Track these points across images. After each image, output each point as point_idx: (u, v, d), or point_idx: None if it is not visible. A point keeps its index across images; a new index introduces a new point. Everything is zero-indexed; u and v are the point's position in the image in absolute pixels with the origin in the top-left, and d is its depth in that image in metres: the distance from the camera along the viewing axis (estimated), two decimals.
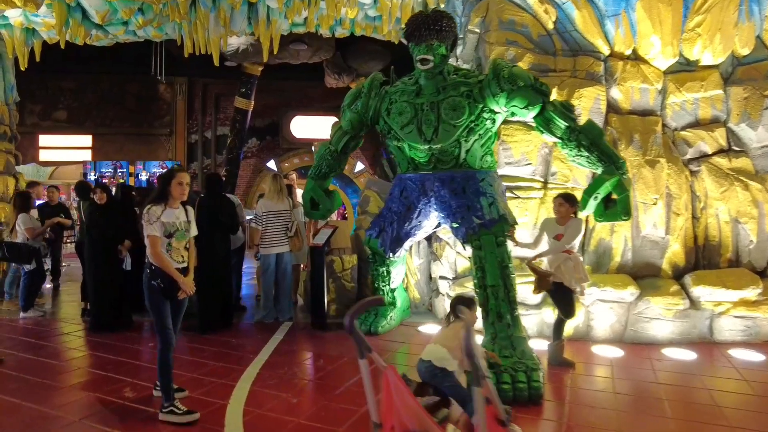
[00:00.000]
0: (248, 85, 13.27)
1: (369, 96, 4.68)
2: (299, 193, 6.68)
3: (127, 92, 14.39)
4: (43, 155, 14.16)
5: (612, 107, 5.41)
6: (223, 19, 6.62)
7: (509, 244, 4.14)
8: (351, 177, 14.53)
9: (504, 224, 4.09)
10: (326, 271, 5.40)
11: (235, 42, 12.33)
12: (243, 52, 12.43)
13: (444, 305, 5.59)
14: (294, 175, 11.59)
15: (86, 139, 14.29)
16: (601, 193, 4.00)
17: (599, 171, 4.03)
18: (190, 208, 3.55)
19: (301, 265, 6.26)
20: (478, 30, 5.68)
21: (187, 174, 3.53)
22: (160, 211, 3.27)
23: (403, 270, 5.35)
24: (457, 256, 5.47)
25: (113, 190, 6.16)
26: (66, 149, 14.22)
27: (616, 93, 5.37)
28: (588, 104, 5.21)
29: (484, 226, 4.07)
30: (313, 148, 10.92)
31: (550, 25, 5.40)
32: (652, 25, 5.17)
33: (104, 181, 13.16)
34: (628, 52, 5.35)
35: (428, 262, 6.18)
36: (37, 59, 7.66)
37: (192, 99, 14.62)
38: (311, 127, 14.90)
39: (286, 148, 14.91)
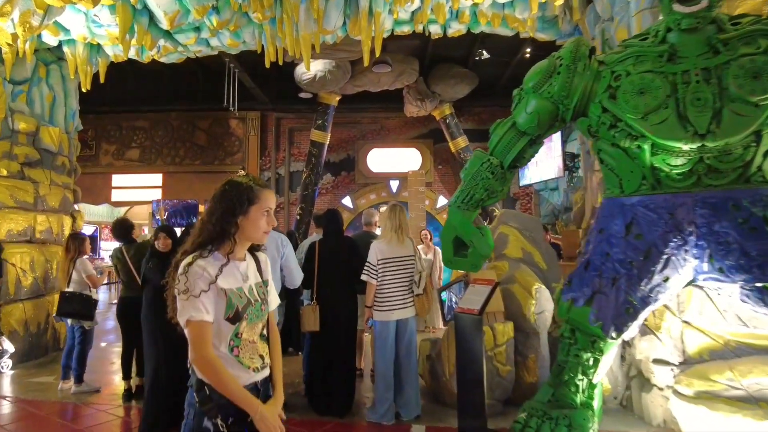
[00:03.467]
0: (325, 117, 11.82)
1: (573, 70, 2.79)
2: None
3: (197, 129, 13.36)
4: (116, 195, 13.28)
5: None
6: (316, 11, 5.05)
7: None
8: (432, 212, 12.65)
9: None
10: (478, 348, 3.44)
11: (312, 69, 10.99)
12: (320, 79, 11.03)
13: (663, 405, 3.45)
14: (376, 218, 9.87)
15: (157, 178, 13.29)
16: None
17: None
18: (262, 255, 1.76)
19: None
20: None
21: (273, 193, 1.72)
22: (214, 268, 1.52)
23: (614, 354, 3.28)
24: (685, 328, 3.37)
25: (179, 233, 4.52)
26: (137, 189, 13.31)
27: None
28: None
29: None
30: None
31: None
32: None
33: (173, 220, 11.95)
34: None
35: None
36: (101, 80, 6.39)
37: (264, 134, 13.37)
38: (389, 161, 13.25)
39: (363, 184, 13.28)
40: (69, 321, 4.79)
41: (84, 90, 6.24)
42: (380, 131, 13.41)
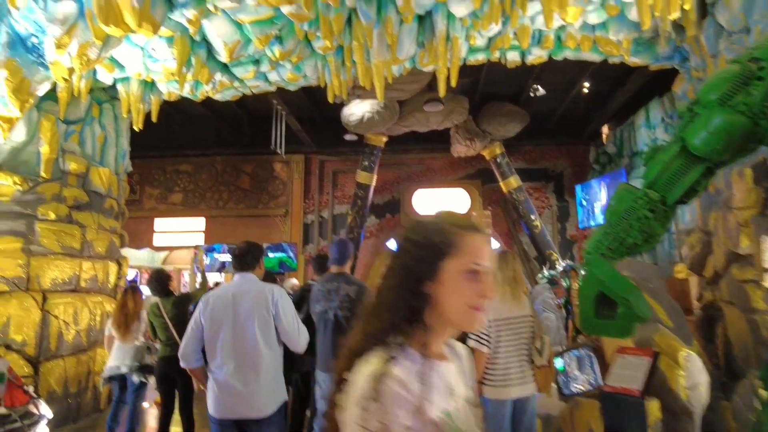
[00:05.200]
0: (371, 158, 11.35)
1: None
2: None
3: (241, 172, 13.07)
4: (157, 240, 12.94)
5: None
6: (390, 37, 4.54)
7: None
8: None
9: None
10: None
11: (359, 110, 10.60)
12: (368, 121, 10.59)
13: None
14: None
15: (200, 222, 12.94)
16: None
17: None
18: (459, 346, 1.05)
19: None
20: None
21: (486, 238, 1.00)
22: (416, 381, 0.81)
23: None
24: None
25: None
26: (179, 233, 12.96)
27: None
28: None
29: None
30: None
31: None
32: None
33: (223, 265, 11.42)
34: None
35: None
36: (154, 118, 6.01)
37: (308, 177, 12.96)
38: (435, 202, 12.61)
39: None
40: (135, 376, 4.30)
41: (137, 129, 5.85)
42: (426, 172, 12.84)
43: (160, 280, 4.27)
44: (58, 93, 5.07)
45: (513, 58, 5.35)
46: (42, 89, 4.68)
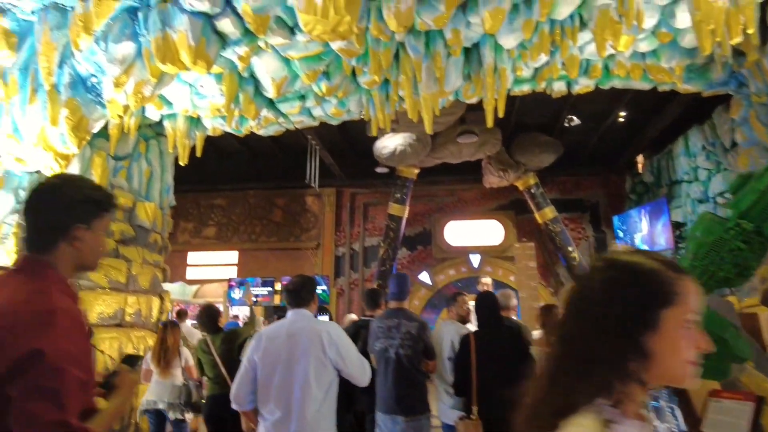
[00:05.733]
0: (403, 190, 11.30)
1: None
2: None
3: (274, 206, 13.17)
4: (190, 273, 13.02)
5: None
6: (439, 70, 4.53)
7: None
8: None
9: None
10: None
11: (392, 143, 10.64)
12: (401, 153, 10.60)
13: None
14: (469, 303, 9.06)
15: (232, 256, 13.01)
16: None
17: None
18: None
19: None
20: None
21: (696, 285, 0.86)
22: None
23: None
24: None
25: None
26: (212, 266, 13.03)
27: None
28: None
29: None
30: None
31: None
32: None
33: (256, 298, 11.38)
34: None
35: None
36: (198, 153, 6.09)
37: (339, 210, 12.97)
38: (467, 234, 12.42)
39: (440, 258, 12.40)
40: (171, 413, 4.16)
41: (182, 164, 5.94)
42: (457, 203, 12.72)
43: (210, 315, 4.19)
44: (109, 130, 5.19)
45: (559, 88, 5.29)
46: (97, 127, 4.79)
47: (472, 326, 3.69)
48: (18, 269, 1.28)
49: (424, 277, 12.18)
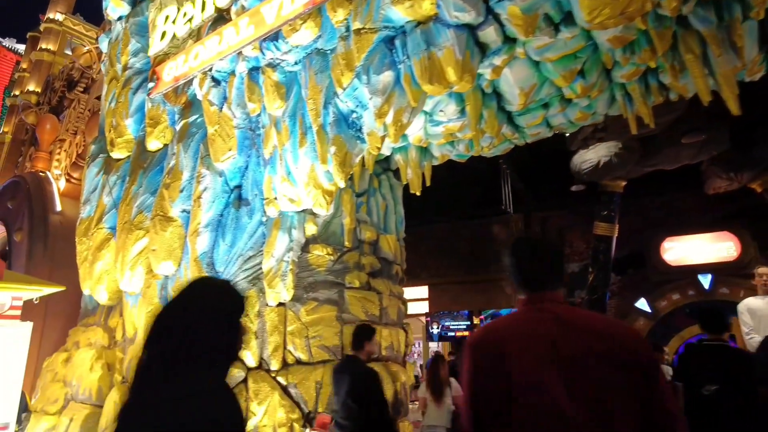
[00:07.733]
0: (610, 206, 10.13)
1: None
2: None
3: (460, 238, 12.90)
4: None
5: None
6: (740, 39, 3.76)
7: None
8: None
9: None
10: None
11: (594, 155, 9.68)
12: (605, 165, 9.57)
13: None
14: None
15: (422, 291, 12.95)
16: None
17: None
18: None
19: None
20: None
21: None
22: None
23: None
24: None
25: None
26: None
27: None
28: None
29: None
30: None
31: None
32: None
33: (452, 334, 11.05)
34: None
35: None
36: (428, 182, 6.04)
37: None
38: (690, 251, 10.61)
39: (658, 282, 10.73)
40: None
41: (417, 193, 5.91)
42: (672, 216, 11.04)
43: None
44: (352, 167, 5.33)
45: None
46: (356, 161, 4.92)
47: None
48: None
49: (642, 304, 10.64)
